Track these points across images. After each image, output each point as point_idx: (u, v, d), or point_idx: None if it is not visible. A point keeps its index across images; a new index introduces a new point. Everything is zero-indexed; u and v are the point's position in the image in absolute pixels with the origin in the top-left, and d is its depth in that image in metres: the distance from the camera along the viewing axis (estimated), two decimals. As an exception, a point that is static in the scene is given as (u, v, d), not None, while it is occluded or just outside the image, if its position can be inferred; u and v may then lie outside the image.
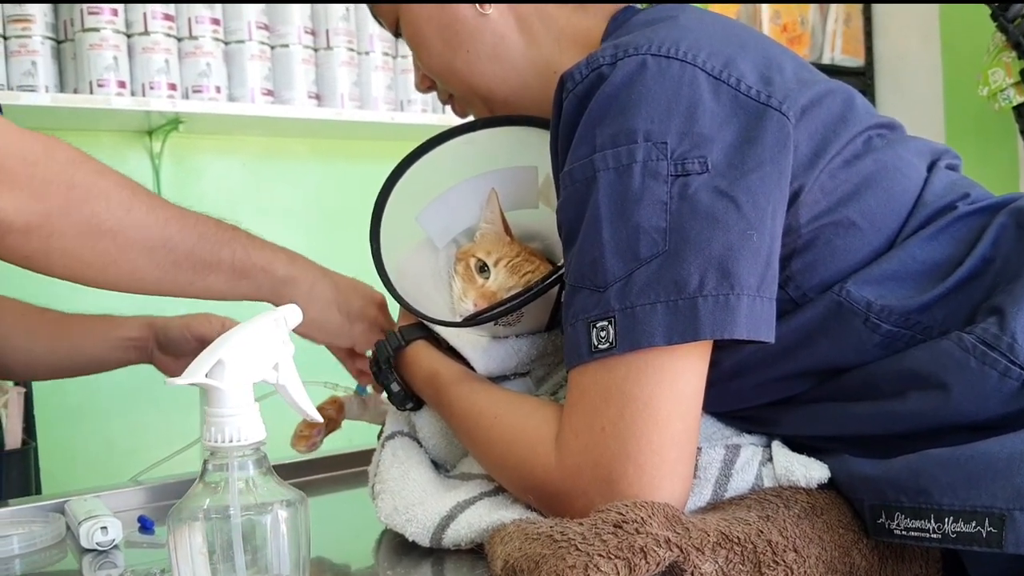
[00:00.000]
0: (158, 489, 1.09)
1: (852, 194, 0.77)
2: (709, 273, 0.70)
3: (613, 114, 0.74)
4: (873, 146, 0.81)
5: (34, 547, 0.91)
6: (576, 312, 0.74)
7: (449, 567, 0.77)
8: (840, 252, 0.76)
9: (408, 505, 0.84)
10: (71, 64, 2.25)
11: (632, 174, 0.72)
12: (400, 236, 0.98)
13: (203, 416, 0.62)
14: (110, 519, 0.90)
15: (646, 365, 0.71)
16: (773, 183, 0.73)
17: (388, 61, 2.65)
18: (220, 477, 0.60)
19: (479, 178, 0.99)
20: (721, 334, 0.70)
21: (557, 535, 0.64)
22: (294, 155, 2.72)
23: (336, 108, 2.53)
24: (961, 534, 0.67)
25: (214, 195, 2.59)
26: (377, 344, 0.96)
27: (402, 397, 0.95)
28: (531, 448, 0.77)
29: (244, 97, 2.41)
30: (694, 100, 0.73)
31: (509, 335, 0.93)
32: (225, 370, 0.60)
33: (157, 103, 2.25)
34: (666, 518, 0.66)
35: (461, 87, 0.96)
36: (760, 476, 0.79)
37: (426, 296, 0.96)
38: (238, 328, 0.63)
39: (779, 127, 0.74)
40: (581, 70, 0.77)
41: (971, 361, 0.70)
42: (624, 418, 0.71)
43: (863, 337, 0.75)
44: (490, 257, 0.94)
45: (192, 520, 0.59)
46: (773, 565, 0.67)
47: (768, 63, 0.78)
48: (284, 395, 0.66)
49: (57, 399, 2.20)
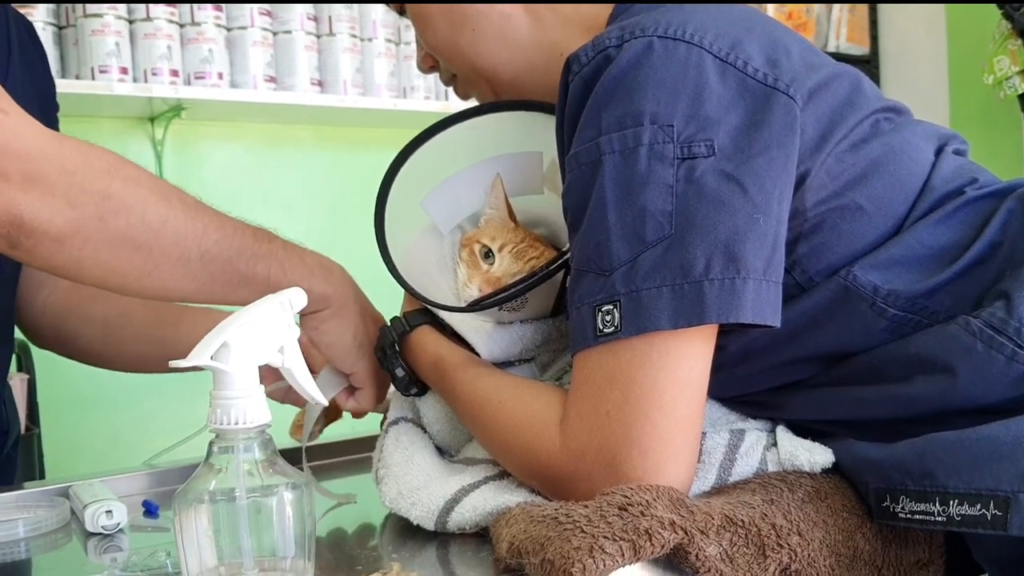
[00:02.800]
0: (162, 474, 1.10)
1: (859, 178, 0.77)
2: (715, 257, 0.70)
3: (619, 97, 0.74)
4: (880, 130, 0.80)
5: (39, 531, 0.91)
6: (581, 296, 0.74)
7: (454, 550, 0.77)
8: (847, 236, 0.76)
9: (412, 489, 0.84)
10: (73, 50, 2.25)
11: (638, 157, 0.72)
12: (405, 222, 0.98)
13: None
14: (115, 503, 0.90)
15: (651, 349, 0.71)
16: (780, 167, 0.73)
17: (391, 48, 2.64)
18: (226, 460, 0.60)
19: (483, 164, 0.99)
20: (727, 318, 0.70)
21: (562, 517, 0.64)
22: (297, 142, 2.72)
23: (339, 95, 2.53)
24: (966, 517, 0.67)
25: (216, 182, 2.59)
26: (382, 329, 0.96)
27: (406, 382, 0.95)
28: (536, 433, 0.77)
29: (246, 84, 2.41)
30: (701, 83, 0.73)
31: (514, 321, 0.93)
32: (231, 352, 0.60)
33: (159, 89, 2.25)
34: (671, 501, 0.66)
35: (464, 67, 0.96)
36: (764, 461, 0.79)
37: (431, 282, 0.96)
38: (244, 311, 0.63)
39: (786, 110, 0.74)
40: (587, 52, 0.77)
41: (978, 345, 0.69)
42: (629, 402, 0.71)
43: (869, 322, 0.74)
44: (494, 243, 0.94)
45: (198, 502, 0.59)
46: (777, 548, 0.67)
47: (775, 46, 0.78)
48: (289, 378, 0.66)
49: (61, 387, 2.20)
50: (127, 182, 0.82)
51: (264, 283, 0.88)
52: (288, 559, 0.60)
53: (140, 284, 0.85)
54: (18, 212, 0.76)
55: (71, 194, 0.78)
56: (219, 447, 0.60)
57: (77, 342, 1.24)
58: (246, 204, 2.65)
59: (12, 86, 1.12)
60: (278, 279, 0.88)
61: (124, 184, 0.81)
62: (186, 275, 0.85)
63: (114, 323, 1.22)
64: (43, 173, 0.77)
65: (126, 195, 0.81)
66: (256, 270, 0.88)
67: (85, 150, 0.81)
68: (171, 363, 0.61)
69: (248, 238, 0.89)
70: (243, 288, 0.88)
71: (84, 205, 0.79)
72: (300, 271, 0.91)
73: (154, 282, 0.85)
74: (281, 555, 0.60)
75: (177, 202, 0.85)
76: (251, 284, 0.88)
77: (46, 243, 0.78)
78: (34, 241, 0.78)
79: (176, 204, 0.84)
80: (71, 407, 2.31)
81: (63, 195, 0.78)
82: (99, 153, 0.82)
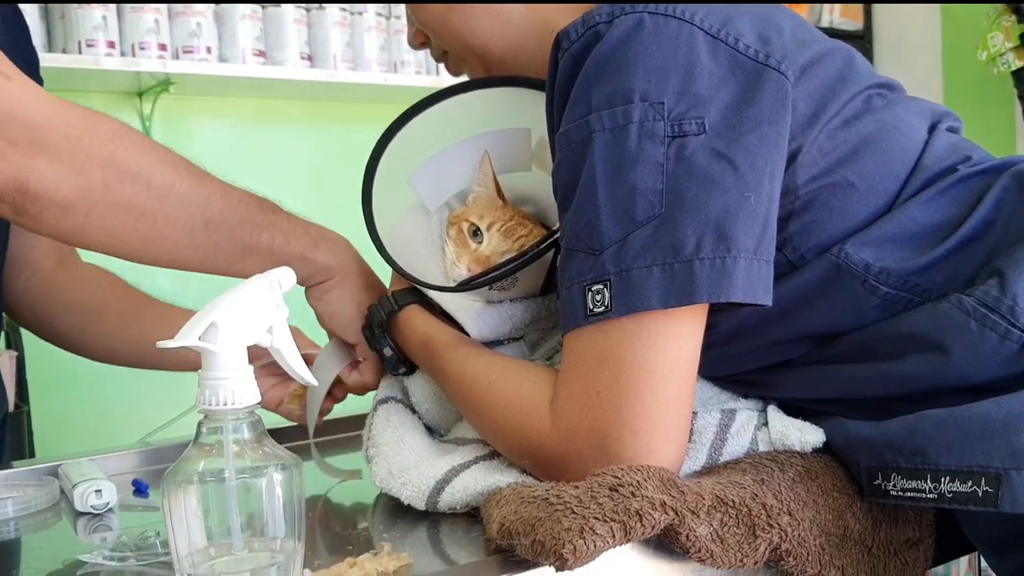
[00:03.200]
0: (151, 453, 1.09)
1: (851, 155, 0.77)
2: (706, 236, 0.69)
3: (609, 73, 0.73)
4: (873, 106, 0.80)
5: (29, 510, 0.91)
6: (571, 275, 0.73)
7: (445, 530, 0.77)
8: (838, 214, 0.76)
9: (403, 469, 0.83)
10: (59, 24, 2.23)
11: (628, 135, 0.71)
12: (393, 199, 0.97)
13: None
14: (104, 483, 0.90)
15: (642, 329, 0.70)
16: (771, 144, 0.72)
17: (381, 22, 2.62)
18: (214, 440, 0.59)
19: (471, 140, 0.98)
20: (718, 297, 0.69)
21: (553, 498, 0.64)
22: (286, 117, 2.70)
23: (329, 69, 2.51)
24: (957, 494, 0.67)
25: (205, 157, 2.55)
26: (370, 308, 0.96)
27: (395, 362, 0.95)
28: (526, 413, 0.76)
29: (235, 58, 2.39)
30: (692, 59, 0.72)
31: (503, 300, 0.92)
32: (219, 333, 0.59)
33: (147, 64, 2.23)
34: (661, 482, 0.66)
35: (456, 43, 0.94)
36: (755, 440, 0.79)
37: (419, 260, 0.96)
38: (232, 291, 0.62)
39: (777, 87, 0.73)
40: (577, 28, 0.76)
41: (971, 323, 0.69)
42: (619, 382, 0.70)
43: (861, 299, 0.74)
44: (483, 221, 0.93)
45: (187, 483, 0.58)
46: (767, 528, 0.67)
47: (766, 22, 0.77)
48: (278, 359, 0.65)
49: (50, 364, 2.19)
50: (132, 149, 0.82)
51: (268, 253, 0.89)
52: (278, 539, 0.60)
53: (145, 251, 0.85)
54: (24, 179, 0.75)
55: (77, 161, 0.78)
56: (208, 427, 0.60)
57: (54, 326, 1.24)
58: (235, 179, 2.64)
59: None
60: (282, 249, 0.89)
61: (129, 151, 0.81)
62: (190, 244, 0.85)
63: (92, 312, 1.21)
64: (49, 140, 0.76)
65: (131, 162, 0.81)
66: (260, 240, 0.88)
67: (91, 116, 0.80)
68: (159, 344, 0.60)
69: (253, 208, 0.89)
70: (249, 257, 0.88)
71: (89, 172, 0.78)
72: (304, 241, 0.92)
73: (159, 249, 0.85)
74: (271, 535, 0.60)
75: (183, 170, 0.85)
76: (255, 254, 0.88)
77: (51, 210, 0.78)
78: (40, 208, 0.77)
79: (182, 172, 0.85)
80: (60, 385, 2.30)
81: (69, 161, 0.77)
82: (104, 120, 0.82)
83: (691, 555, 0.64)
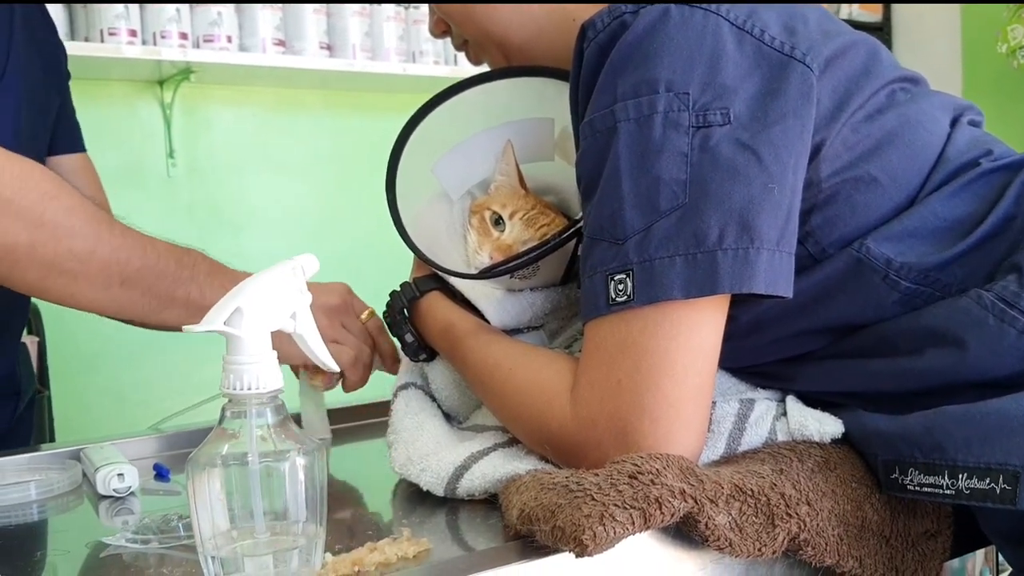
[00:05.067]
0: (172, 438, 1.10)
1: (874, 149, 0.76)
2: (729, 226, 0.69)
3: (635, 63, 0.73)
4: (896, 100, 0.80)
5: (51, 493, 0.92)
6: (594, 264, 0.74)
7: (463, 516, 0.78)
8: (860, 208, 0.76)
9: (422, 455, 0.84)
10: (81, 12, 2.24)
11: (653, 125, 0.71)
12: (416, 187, 0.98)
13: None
14: (126, 466, 0.91)
15: (663, 318, 0.71)
16: (795, 136, 0.72)
17: (400, 11, 2.62)
18: (238, 424, 0.60)
19: (495, 129, 0.98)
20: (739, 288, 0.69)
21: (573, 485, 0.64)
22: (305, 106, 2.71)
23: (348, 59, 2.51)
24: (975, 490, 0.67)
25: (224, 146, 2.59)
26: (392, 295, 0.96)
27: (416, 348, 0.95)
28: (546, 400, 0.77)
29: (255, 47, 2.40)
30: (717, 50, 0.72)
31: (524, 288, 0.93)
32: (243, 318, 0.60)
33: (168, 52, 2.24)
34: (681, 470, 0.67)
35: (477, 32, 0.95)
36: (774, 430, 0.79)
37: (441, 248, 0.96)
38: (255, 276, 0.63)
39: (802, 79, 0.73)
40: (603, 18, 0.76)
41: (989, 319, 0.69)
42: (640, 371, 0.71)
43: (882, 294, 0.74)
44: (505, 210, 0.94)
45: (211, 467, 0.59)
46: (786, 517, 0.67)
47: (791, 13, 0.77)
48: (301, 344, 0.66)
49: (71, 348, 2.22)
50: (60, 211, 0.90)
51: (184, 304, 0.97)
52: (300, 523, 0.60)
53: (64, 301, 0.94)
54: None
55: (5, 220, 0.87)
56: (232, 412, 0.60)
57: None
58: (253, 168, 2.67)
59: (15, 53, 1.11)
60: (198, 300, 0.96)
61: (57, 212, 0.90)
62: (108, 299, 0.94)
63: None
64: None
65: (59, 222, 0.89)
66: (176, 294, 0.96)
67: (25, 175, 0.88)
68: (184, 328, 0.61)
69: (172, 264, 0.96)
70: (166, 310, 0.96)
71: (18, 232, 0.87)
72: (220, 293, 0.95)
73: (79, 302, 0.94)
74: (293, 519, 0.60)
75: (106, 233, 0.93)
76: (173, 306, 0.96)
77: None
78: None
79: (105, 236, 0.92)
80: (80, 369, 2.32)
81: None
82: (38, 179, 0.90)
83: (710, 543, 0.64)
